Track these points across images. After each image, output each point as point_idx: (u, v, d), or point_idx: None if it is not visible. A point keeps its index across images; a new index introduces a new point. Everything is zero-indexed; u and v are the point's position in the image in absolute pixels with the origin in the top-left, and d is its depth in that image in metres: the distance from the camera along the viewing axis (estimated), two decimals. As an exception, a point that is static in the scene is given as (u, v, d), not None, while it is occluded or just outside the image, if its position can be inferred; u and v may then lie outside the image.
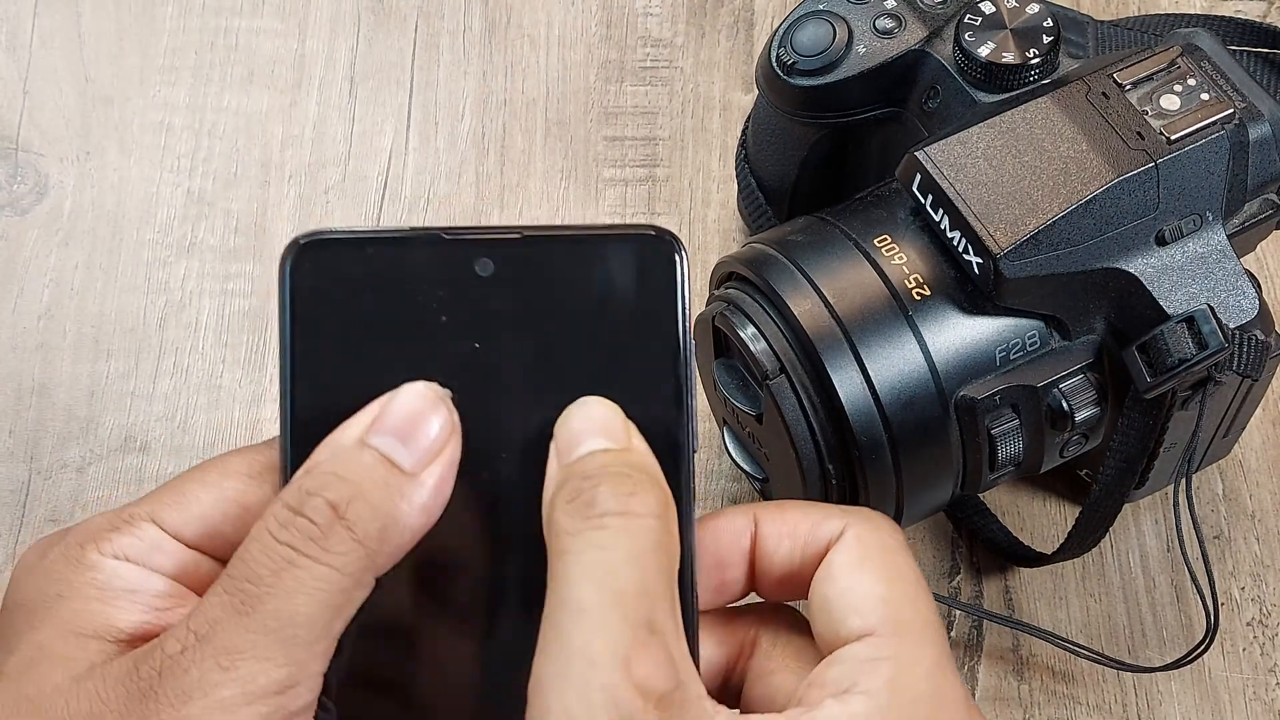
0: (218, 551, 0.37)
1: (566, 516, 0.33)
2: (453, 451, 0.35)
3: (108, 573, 0.35)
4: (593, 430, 0.35)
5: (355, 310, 0.36)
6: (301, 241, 0.36)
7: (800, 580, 0.37)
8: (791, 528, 0.37)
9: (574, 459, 0.34)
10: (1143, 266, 0.48)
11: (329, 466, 0.34)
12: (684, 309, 0.36)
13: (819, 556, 0.37)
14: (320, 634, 0.33)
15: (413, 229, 0.36)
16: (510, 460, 0.36)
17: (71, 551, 0.36)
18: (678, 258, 0.36)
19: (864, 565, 0.36)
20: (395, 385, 0.35)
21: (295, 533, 0.33)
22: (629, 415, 0.35)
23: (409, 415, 0.34)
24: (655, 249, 0.36)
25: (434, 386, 0.35)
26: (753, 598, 0.39)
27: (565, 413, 0.35)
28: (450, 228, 0.36)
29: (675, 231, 0.36)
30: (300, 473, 0.34)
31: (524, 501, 0.35)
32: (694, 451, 0.36)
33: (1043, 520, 0.60)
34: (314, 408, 0.35)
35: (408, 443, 0.34)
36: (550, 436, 0.35)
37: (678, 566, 0.34)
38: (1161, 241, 0.49)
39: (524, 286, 0.36)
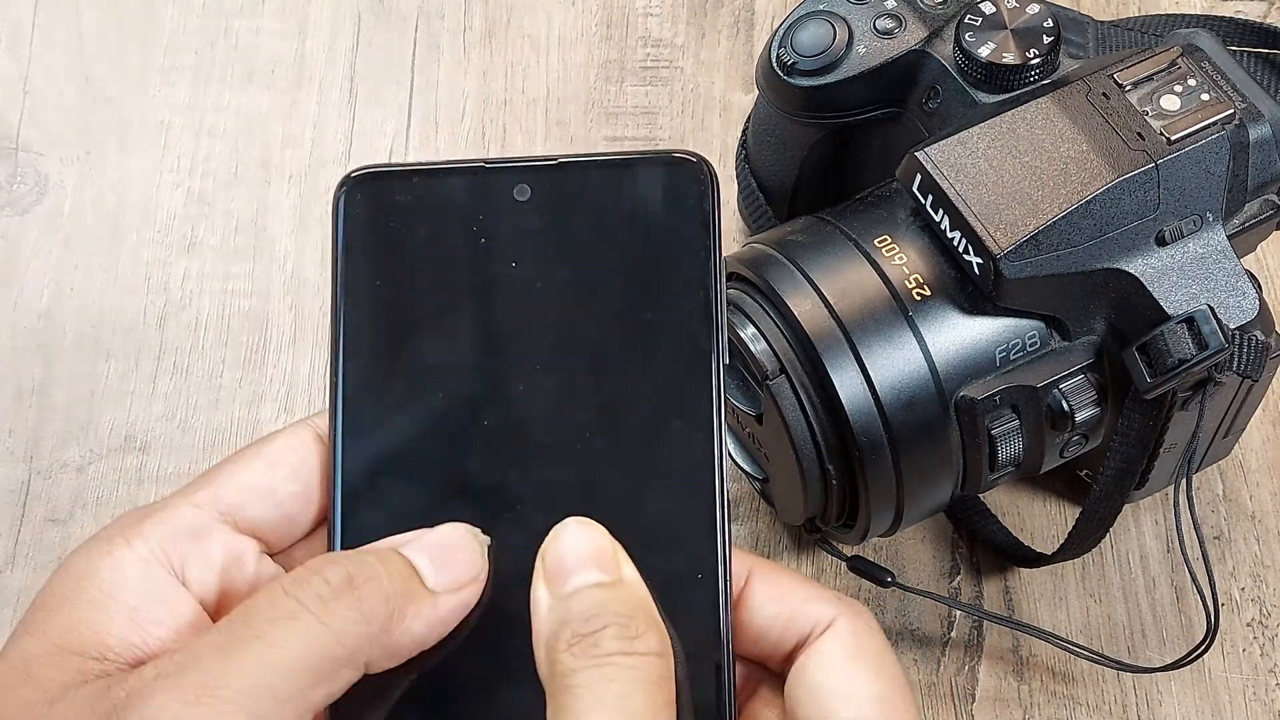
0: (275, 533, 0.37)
1: (571, 658, 0.34)
2: (473, 591, 0.35)
3: (119, 580, 0.35)
4: (583, 559, 0.35)
5: (400, 237, 0.38)
6: (353, 175, 0.38)
7: (775, 647, 0.37)
8: (785, 592, 0.38)
9: (568, 591, 0.35)
10: (1143, 267, 0.48)
11: (358, 554, 0.35)
12: (715, 230, 0.37)
13: (801, 634, 0.37)
14: (294, 694, 0.33)
15: (454, 160, 0.38)
16: (543, 383, 0.37)
17: (99, 545, 0.35)
18: (709, 179, 0.37)
19: (859, 660, 0.37)
20: (438, 306, 0.37)
21: (306, 589, 0.33)
22: (661, 328, 0.37)
23: (445, 542, 0.35)
24: (686, 172, 0.38)
25: (476, 531, 0.36)
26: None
27: (551, 535, 0.35)
28: (491, 158, 0.38)
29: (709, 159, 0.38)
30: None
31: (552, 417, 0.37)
32: (725, 364, 0.37)
33: (1043, 520, 0.60)
34: (362, 330, 0.37)
35: (437, 563, 0.35)
36: (584, 348, 0.37)
37: (674, 698, 0.35)
38: (1162, 242, 0.48)
39: (559, 208, 0.37)
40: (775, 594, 0.38)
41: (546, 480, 0.37)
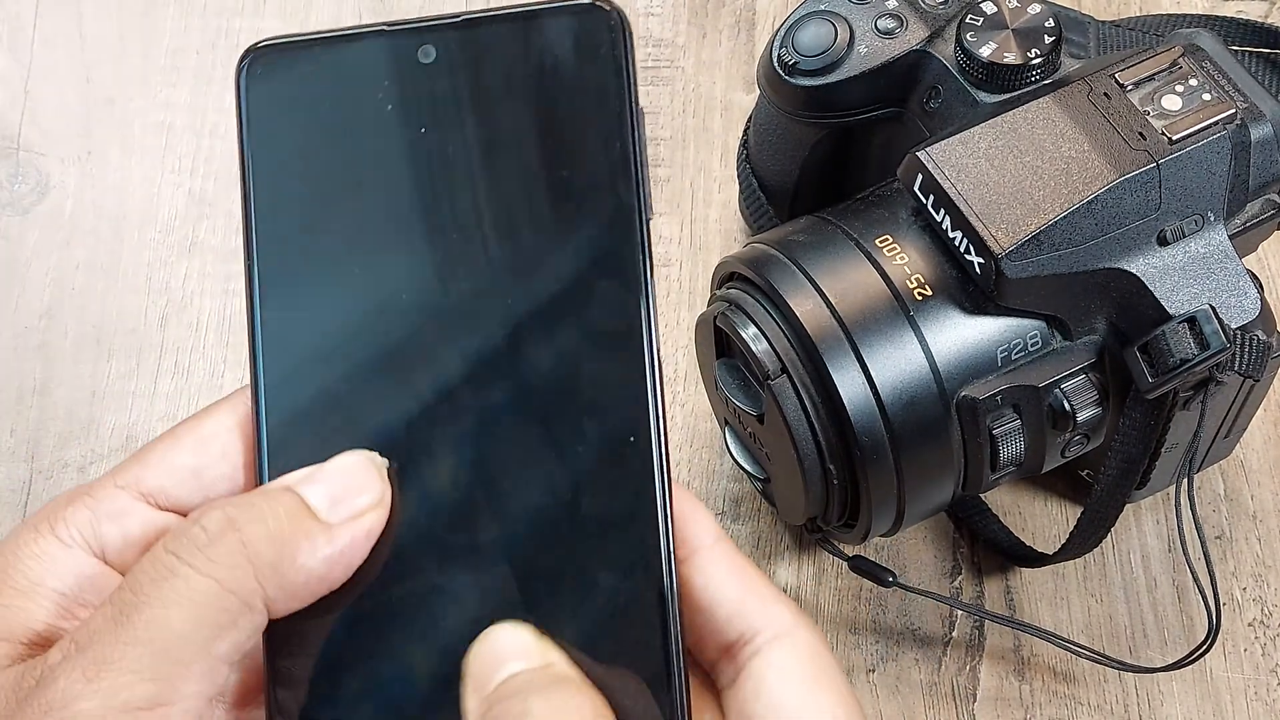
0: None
1: None
2: (375, 517, 0.34)
3: (46, 568, 0.34)
4: (506, 657, 0.34)
5: (306, 107, 0.36)
6: (256, 46, 0.37)
7: (718, 631, 0.35)
8: (748, 578, 0.35)
9: (493, 687, 0.33)
10: (1144, 267, 0.48)
11: (242, 496, 0.34)
12: (629, 77, 0.36)
13: (749, 629, 0.35)
14: (196, 652, 0.32)
15: (356, 26, 0.37)
16: (464, 250, 0.36)
17: (26, 533, 0.35)
18: (619, 25, 0.36)
19: (822, 681, 0.35)
20: (347, 177, 0.36)
21: (183, 542, 0.32)
22: (575, 181, 0.36)
23: (338, 472, 0.34)
24: (594, 19, 0.36)
25: (373, 455, 0.35)
26: None
27: (474, 645, 0.34)
28: (394, 20, 0.37)
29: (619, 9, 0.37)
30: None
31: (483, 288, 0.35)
32: (648, 220, 0.36)
33: (1044, 520, 0.60)
34: (275, 202, 0.36)
35: (331, 495, 0.34)
36: (501, 213, 0.36)
37: None
38: (1163, 242, 0.48)
39: (466, 67, 0.36)
40: (736, 569, 0.36)
41: (479, 349, 0.35)
